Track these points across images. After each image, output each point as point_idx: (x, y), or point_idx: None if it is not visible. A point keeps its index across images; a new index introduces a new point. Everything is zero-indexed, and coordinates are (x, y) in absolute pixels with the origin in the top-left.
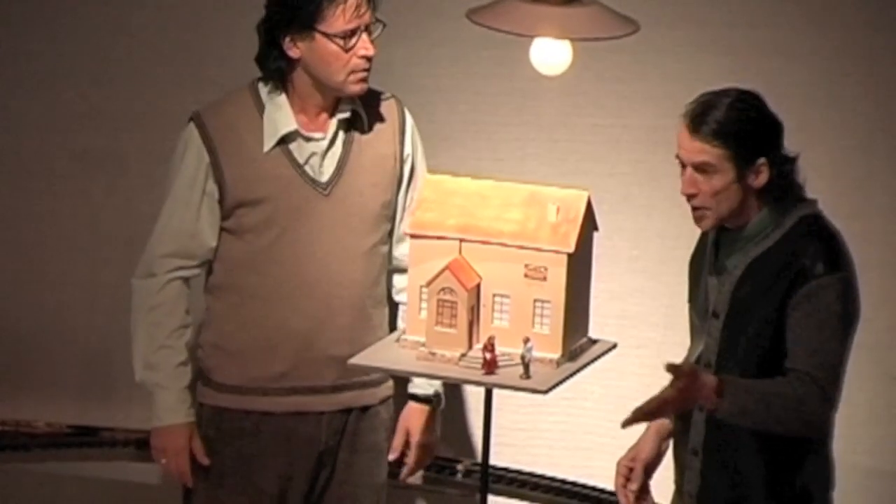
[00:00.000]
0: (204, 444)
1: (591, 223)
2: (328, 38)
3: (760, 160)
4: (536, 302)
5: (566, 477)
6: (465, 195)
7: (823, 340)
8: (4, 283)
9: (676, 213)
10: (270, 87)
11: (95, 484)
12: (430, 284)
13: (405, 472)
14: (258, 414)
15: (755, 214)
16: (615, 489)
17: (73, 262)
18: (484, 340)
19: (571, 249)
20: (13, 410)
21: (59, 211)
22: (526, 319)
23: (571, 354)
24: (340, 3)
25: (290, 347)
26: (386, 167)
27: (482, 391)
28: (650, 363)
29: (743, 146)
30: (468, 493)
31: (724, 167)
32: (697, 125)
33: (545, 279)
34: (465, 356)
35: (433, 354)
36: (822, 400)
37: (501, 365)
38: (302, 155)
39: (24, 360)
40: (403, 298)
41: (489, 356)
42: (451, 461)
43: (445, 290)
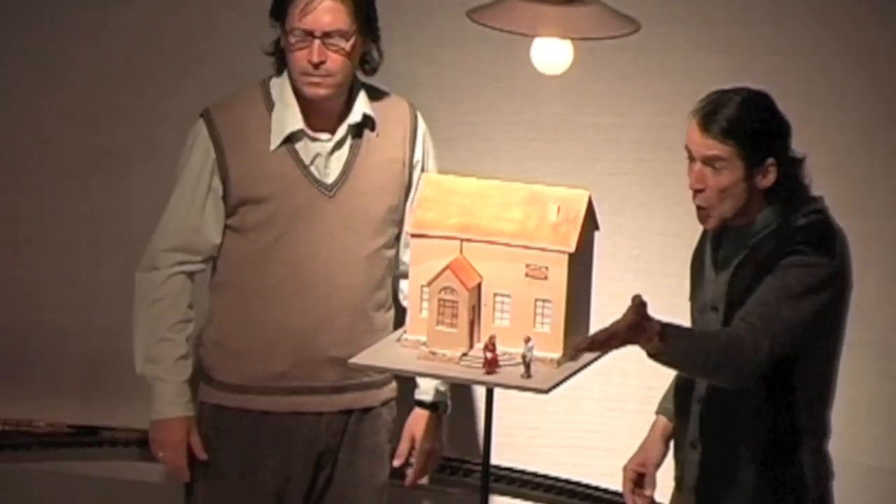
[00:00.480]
0: (204, 442)
1: (591, 223)
2: (285, 32)
3: (769, 160)
4: (537, 301)
5: (567, 476)
6: (465, 194)
7: (777, 302)
8: (5, 282)
9: (677, 212)
10: (281, 85)
11: (96, 483)
12: (431, 284)
13: (410, 478)
14: (257, 413)
15: (758, 213)
16: (623, 493)
17: (73, 261)
18: (485, 340)
19: (572, 249)
20: (14, 410)
21: (58, 210)
22: (527, 319)
23: (572, 354)
24: (301, 2)
25: (288, 347)
26: (394, 172)
27: (483, 390)
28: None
29: (753, 145)
30: (469, 492)
31: (733, 164)
32: (709, 123)
33: (546, 279)
34: (466, 355)
35: (434, 354)
36: (755, 348)
37: (502, 364)
38: (308, 155)
39: (24, 359)
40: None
41: (490, 355)
42: (451, 460)
43: (446, 289)
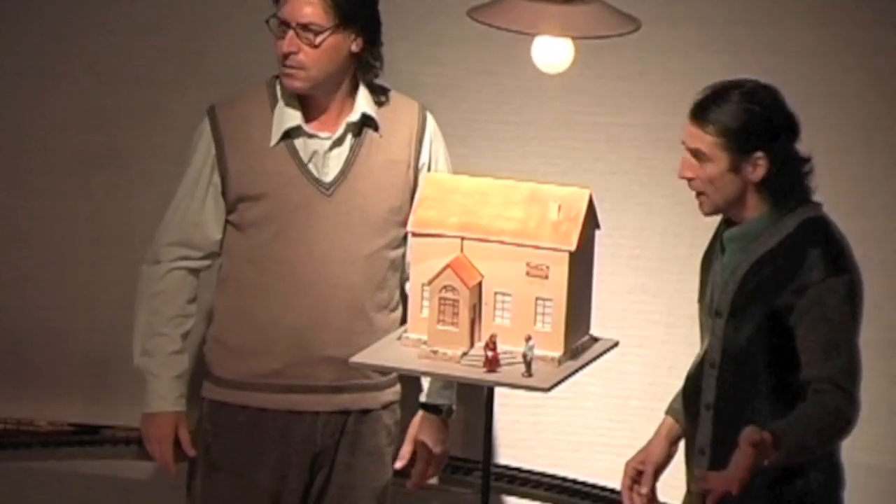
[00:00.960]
0: (203, 437)
1: (592, 221)
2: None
3: (757, 154)
4: (538, 300)
5: (567, 475)
6: (466, 193)
7: (838, 343)
8: (5, 281)
9: (678, 210)
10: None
11: (97, 482)
12: (431, 283)
13: (412, 481)
14: (254, 410)
15: (758, 211)
16: (621, 489)
17: (73, 260)
18: (486, 338)
19: (573, 247)
20: (15, 409)
21: (59, 209)
22: (527, 317)
23: (573, 352)
24: None
25: (284, 345)
26: (397, 173)
27: (484, 389)
28: (652, 361)
29: (736, 138)
30: (469, 490)
31: (715, 156)
32: (698, 112)
33: (547, 277)
34: (466, 354)
35: (435, 353)
36: (852, 404)
37: (503, 363)
38: (306, 153)
39: (25, 358)
40: None
41: (491, 354)
42: (453, 459)
43: (447, 288)
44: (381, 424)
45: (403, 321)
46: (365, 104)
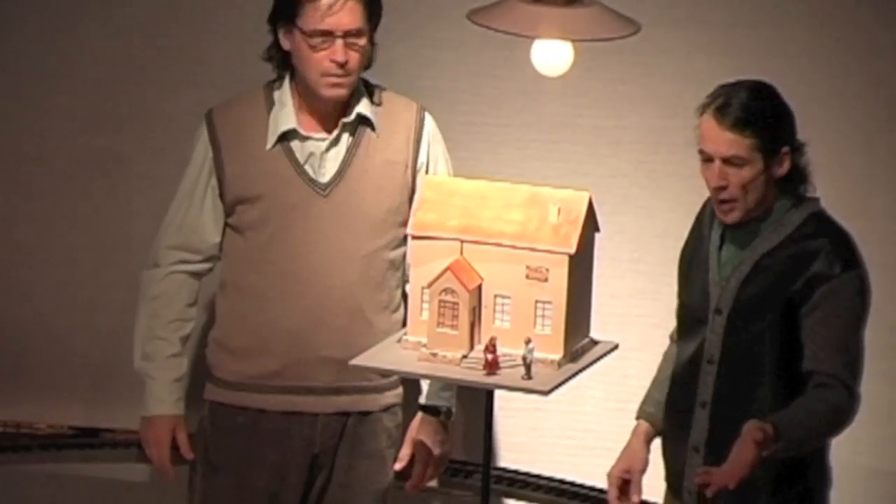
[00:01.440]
0: (204, 438)
1: (592, 224)
2: (302, 34)
3: (784, 149)
4: (538, 303)
5: (567, 477)
6: (466, 196)
7: (846, 339)
8: (5, 284)
9: (678, 213)
10: (283, 86)
11: (97, 485)
12: (431, 285)
13: (411, 482)
14: (253, 411)
15: (764, 206)
16: (609, 501)
17: (74, 262)
18: (485, 341)
19: (572, 250)
20: (15, 411)
21: (59, 211)
22: (527, 320)
23: (573, 355)
24: (318, 3)
25: (282, 346)
26: (394, 174)
27: (483, 392)
28: (651, 364)
29: (769, 134)
30: (469, 493)
31: (753, 158)
32: (725, 114)
33: (546, 280)
34: (466, 357)
35: (434, 355)
36: (853, 401)
37: (503, 366)
38: (303, 154)
39: (25, 361)
40: None
41: (490, 357)
42: (452, 462)
43: (447, 290)
44: (381, 427)
45: (405, 322)
46: (361, 104)
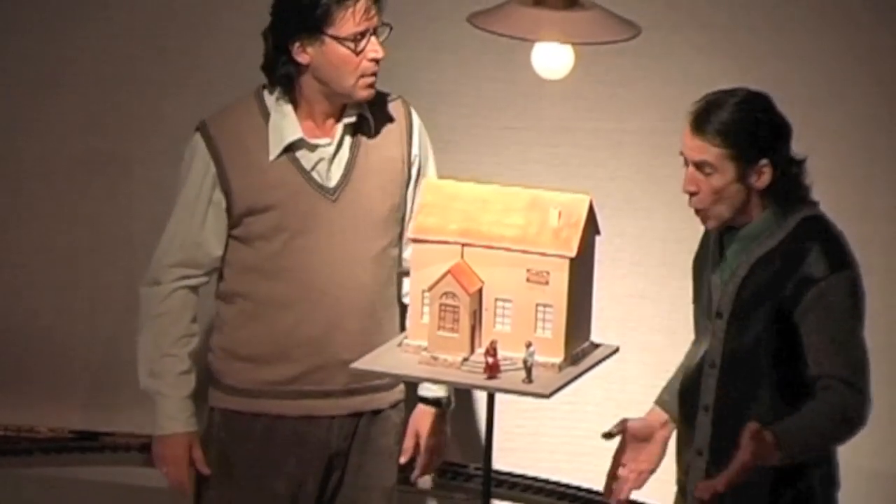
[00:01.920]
0: (216, 447)
1: (593, 227)
2: (338, 41)
3: (762, 161)
4: (538, 306)
5: (568, 481)
6: (466, 200)
7: (844, 339)
8: (6, 286)
9: (678, 216)
10: (276, 94)
11: (98, 488)
12: (432, 289)
13: (415, 474)
14: (269, 417)
15: (758, 213)
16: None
17: (75, 265)
18: (486, 345)
19: (573, 253)
20: (15, 415)
21: (60, 214)
22: (528, 324)
23: (574, 358)
24: (350, 5)
25: (301, 353)
26: (394, 170)
27: (484, 395)
28: (652, 367)
29: (743, 147)
30: (471, 497)
31: (723, 167)
32: (700, 124)
33: (547, 283)
34: (467, 360)
35: (435, 359)
36: (859, 399)
37: (504, 369)
38: (309, 162)
39: (26, 364)
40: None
41: (491, 360)
42: (453, 465)
43: (447, 294)
44: (390, 424)
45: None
46: (358, 104)
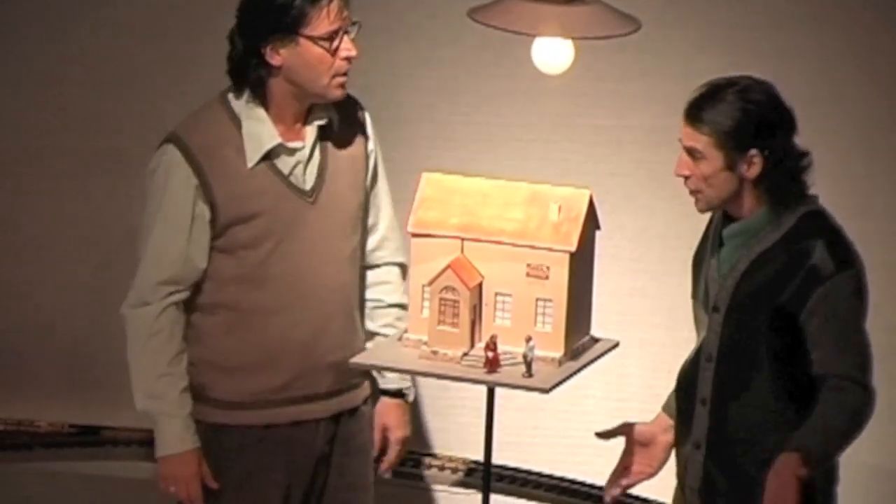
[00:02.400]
0: (206, 461)
1: (593, 222)
2: (313, 41)
3: (752, 152)
4: (538, 301)
5: (568, 475)
6: (466, 194)
7: (850, 338)
8: (6, 283)
9: (678, 212)
10: (246, 98)
11: (98, 482)
12: (432, 283)
13: (384, 467)
14: (259, 428)
15: (757, 207)
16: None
17: (74, 262)
18: (486, 339)
19: (573, 248)
20: (15, 410)
21: (60, 211)
22: (528, 318)
23: (573, 353)
24: (324, 5)
25: (291, 359)
26: (359, 168)
27: (484, 390)
28: (652, 362)
29: (731, 137)
30: (470, 491)
31: (710, 154)
32: (692, 111)
33: (547, 278)
34: (467, 355)
35: (435, 353)
36: (868, 396)
37: (503, 364)
38: (287, 166)
39: (25, 359)
40: (374, 295)
41: (491, 355)
42: (453, 460)
43: (447, 288)
44: (365, 420)
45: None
46: (324, 105)
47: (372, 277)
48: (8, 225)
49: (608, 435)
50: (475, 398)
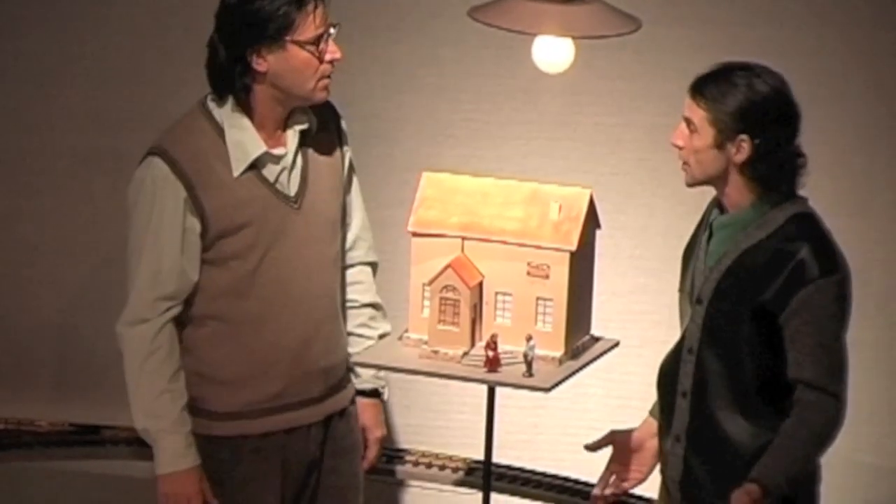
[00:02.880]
0: (208, 474)
1: (593, 221)
2: (300, 46)
3: (742, 137)
4: (539, 300)
5: (568, 475)
6: (467, 193)
7: (827, 345)
8: (7, 282)
9: (679, 211)
10: (229, 106)
11: (98, 482)
12: (432, 283)
13: (364, 466)
14: (255, 437)
15: (742, 197)
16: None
17: (74, 261)
18: (486, 338)
19: (574, 247)
20: (16, 409)
21: (60, 211)
22: (528, 317)
23: (574, 352)
24: (310, 10)
25: (283, 367)
26: (337, 170)
27: (484, 389)
28: (652, 361)
29: (725, 117)
30: (471, 490)
31: (703, 129)
32: (698, 84)
33: (547, 277)
34: (467, 354)
35: (436, 352)
36: (838, 407)
37: (504, 363)
38: (272, 173)
39: (26, 359)
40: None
41: (492, 354)
42: (453, 459)
43: (448, 288)
44: (354, 420)
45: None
46: (304, 109)
47: (346, 277)
48: (8, 224)
49: (597, 446)
50: (475, 397)
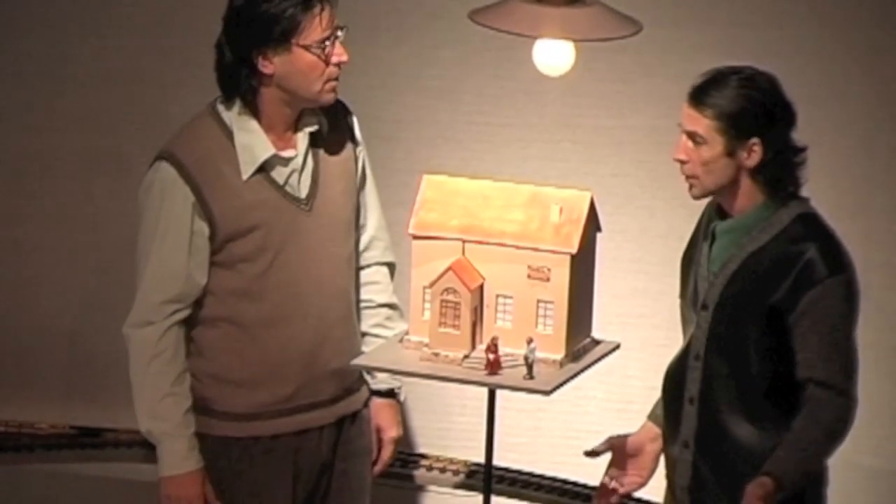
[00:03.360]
0: (214, 475)
1: (594, 223)
2: (306, 49)
3: (753, 140)
4: (539, 302)
5: (569, 477)
6: (467, 196)
7: (836, 344)
8: (7, 284)
9: (680, 213)
10: (237, 109)
11: (99, 484)
12: (433, 285)
13: (378, 468)
14: (267, 438)
15: (750, 202)
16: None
17: (75, 263)
18: (487, 341)
19: (574, 250)
20: (16, 411)
21: (61, 212)
22: (529, 320)
23: (574, 355)
24: (317, 13)
25: (295, 369)
26: (350, 171)
27: (485, 391)
28: (653, 364)
29: (735, 123)
30: (471, 493)
31: (712, 139)
32: (698, 95)
33: (548, 280)
34: (468, 357)
35: (436, 355)
36: (850, 405)
37: (505, 365)
38: (281, 176)
39: (26, 361)
40: (364, 295)
41: (492, 357)
42: (454, 462)
43: (448, 290)
44: (365, 423)
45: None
46: (313, 111)
47: (362, 278)
48: (9, 225)
49: (596, 453)
50: (476, 400)
